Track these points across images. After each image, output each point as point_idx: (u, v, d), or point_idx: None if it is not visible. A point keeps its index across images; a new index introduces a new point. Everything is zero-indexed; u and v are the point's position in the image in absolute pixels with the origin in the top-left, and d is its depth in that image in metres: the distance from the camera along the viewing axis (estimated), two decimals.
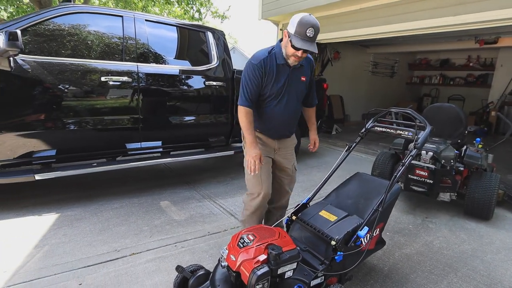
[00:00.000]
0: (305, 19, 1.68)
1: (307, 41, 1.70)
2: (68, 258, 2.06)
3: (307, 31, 1.67)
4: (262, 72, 1.83)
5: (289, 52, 1.78)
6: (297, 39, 1.69)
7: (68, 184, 3.31)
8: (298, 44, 1.69)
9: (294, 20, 1.71)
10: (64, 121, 2.63)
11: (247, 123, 1.87)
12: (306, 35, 1.68)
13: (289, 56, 1.80)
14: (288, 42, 1.74)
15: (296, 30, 1.69)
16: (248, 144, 1.88)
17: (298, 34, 1.69)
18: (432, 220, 2.92)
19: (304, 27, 1.67)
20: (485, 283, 2.02)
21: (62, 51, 2.60)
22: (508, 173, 4.43)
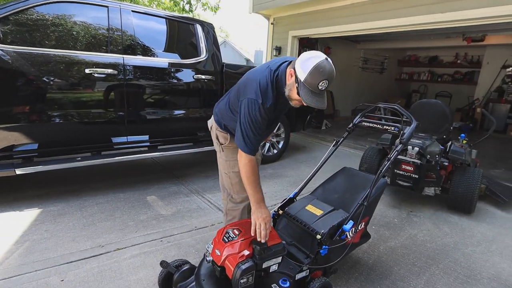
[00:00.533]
0: (321, 68, 1.36)
1: (318, 94, 1.42)
2: (49, 254, 2.01)
3: (320, 83, 1.37)
4: (271, 113, 1.57)
5: (293, 97, 1.51)
6: (306, 92, 1.41)
7: (51, 179, 3.23)
8: (307, 98, 1.41)
9: (306, 64, 1.38)
10: (47, 114, 2.55)
11: (255, 178, 1.55)
12: (317, 87, 1.38)
13: (292, 100, 1.54)
14: (294, 87, 1.45)
15: (307, 79, 1.37)
16: (256, 203, 1.55)
17: (308, 85, 1.39)
18: (416, 214, 2.97)
19: (317, 79, 1.37)
20: (465, 274, 2.08)
21: (45, 41, 2.51)
22: (491, 168, 4.55)
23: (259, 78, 1.53)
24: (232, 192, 1.87)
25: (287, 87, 1.52)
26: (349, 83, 9.07)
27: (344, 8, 5.34)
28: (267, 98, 1.50)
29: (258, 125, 1.51)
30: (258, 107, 1.48)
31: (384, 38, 7.91)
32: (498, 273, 2.10)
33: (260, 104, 1.48)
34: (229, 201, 1.91)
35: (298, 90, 1.43)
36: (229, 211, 1.93)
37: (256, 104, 1.48)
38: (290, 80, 1.49)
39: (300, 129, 4.73)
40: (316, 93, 1.41)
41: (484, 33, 6.42)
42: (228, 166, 1.83)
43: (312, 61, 1.38)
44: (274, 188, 3.41)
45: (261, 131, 1.55)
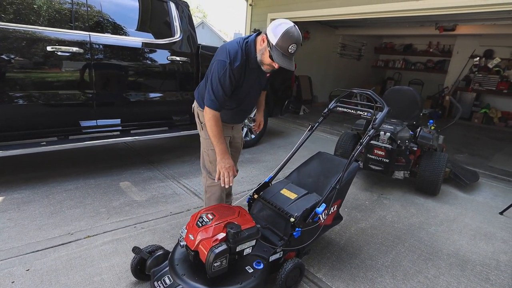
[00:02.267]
0: (290, 33, 1.53)
1: (288, 57, 1.58)
2: (13, 243, 1.91)
3: (290, 47, 1.54)
4: (238, 76, 1.67)
5: (265, 61, 1.65)
6: (278, 54, 1.56)
7: (15, 165, 3.04)
8: (279, 60, 1.57)
9: (277, 30, 1.53)
10: (7, 94, 2.35)
11: (218, 130, 1.69)
12: (287, 51, 1.55)
13: (263, 64, 1.68)
14: (267, 51, 1.59)
15: (277, 42, 1.53)
16: (220, 154, 1.71)
17: (279, 48, 1.54)
18: (386, 197, 3.12)
19: (287, 43, 1.53)
20: (428, 251, 2.22)
21: (1, 14, 2.27)
22: (456, 153, 4.84)
23: (229, 46, 1.68)
24: (210, 170, 1.93)
25: (259, 52, 1.65)
26: (327, 69, 9.14)
27: None
28: (236, 59, 1.63)
29: (224, 83, 1.63)
30: (225, 66, 1.61)
31: (362, 25, 7.97)
32: (457, 250, 2.27)
33: (228, 64, 1.61)
34: (207, 178, 1.97)
35: (270, 53, 1.58)
36: (208, 187, 1.99)
37: (224, 64, 1.62)
38: (262, 45, 1.63)
39: (278, 114, 4.73)
40: (286, 55, 1.57)
41: (456, 23, 6.65)
42: (206, 144, 1.91)
43: (283, 27, 1.54)
44: (251, 173, 3.43)
45: (226, 90, 1.65)
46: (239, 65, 1.63)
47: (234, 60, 1.62)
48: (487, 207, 3.03)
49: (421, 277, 1.94)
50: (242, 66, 1.65)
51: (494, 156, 4.91)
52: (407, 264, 2.06)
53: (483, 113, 8.02)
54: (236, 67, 1.63)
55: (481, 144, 5.69)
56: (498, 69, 7.83)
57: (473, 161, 4.45)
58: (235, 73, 1.64)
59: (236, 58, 1.63)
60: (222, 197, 2.01)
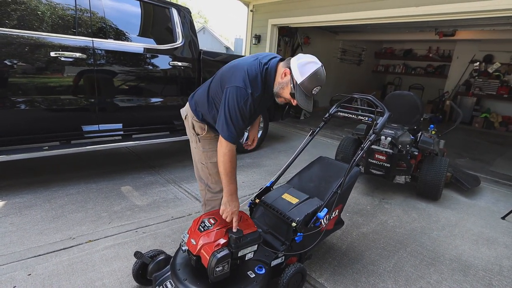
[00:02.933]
0: (318, 75, 1.45)
1: (309, 97, 1.50)
2: (15, 248, 1.91)
3: (315, 89, 1.46)
4: (257, 105, 1.54)
5: (283, 95, 1.54)
6: (301, 94, 1.46)
7: (17, 169, 3.05)
8: (301, 100, 1.47)
9: (304, 68, 1.43)
10: (10, 100, 2.37)
11: (233, 167, 1.52)
12: (311, 92, 1.47)
13: (279, 97, 1.57)
14: (288, 87, 1.48)
15: (303, 82, 1.43)
16: (229, 195, 1.52)
17: (304, 89, 1.45)
18: (388, 201, 3.11)
19: (313, 85, 1.45)
20: (430, 256, 2.21)
21: (6, 21, 2.30)
22: (457, 157, 4.84)
23: (247, 67, 1.51)
24: (210, 182, 1.83)
25: (279, 85, 1.53)
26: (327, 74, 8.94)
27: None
28: (256, 88, 1.49)
29: (244, 114, 1.48)
30: (246, 96, 1.46)
31: (362, 30, 8.04)
32: (459, 255, 2.26)
33: (250, 94, 1.46)
34: (207, 192, 1.87)
35: (293, 91, 1.47)
36: (208, 201, 1.89)
37: (244, 92, 1.46)
38: (283, 79, 1.50)
39: (278, 118, 4.75)
40: (309, 96, 1.49)
41: (455, 28, 6.69)
42: (205, 157, 1.79)
43: (311, 67, 1.44)
44: (252, 178, 3.43)
45: (246, 121, 1.52)
46: (259, 95, 1.51)
47: (255, 89, 1.48)
48: (489, 212, 3.02)
49: (423, 282, 1.93)
50: (261, 95, 1.53)
51: (496, 160, 4.90)
52: (409, 269, 2.05)
53: (484, 117, 8.03)
54: (257, 97, 1.50)
55: (482, 149, 5.69)
56: (498, 74, 7.86)
57: (474, 166, 4.45)
58: (255, 102, 1.50)
59: (256, 87, 1.49)
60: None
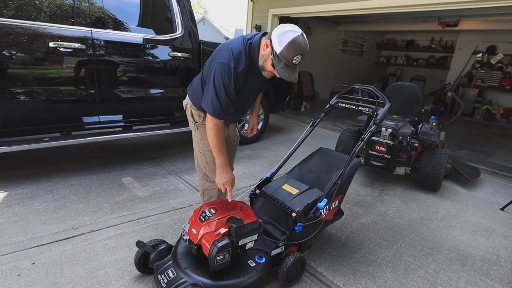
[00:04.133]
0: (297, 43, 1.40)
1: (291, 68, 1.47)
2: (19, 237, 1.94)
3: (295, 58, 1.42)
4: (243, 80, 1.57)
5: (267, 68, 1.53)
6: (280, 64, 1.44)
7: (19, 160, 3.06)
8: (281, 71, 1.46)
9: (283, 37, 1.40)
10: (9, 91, 2.36)
11: (221, 142, 1.60)
12: (292, 62, 1.43)
13: (265, 70, 1.57)
14: (269, 58, 1.48)
15: (282, 52, 1.41)
16: (220, 167, 1.62)
17: (283, 58, 1.42)
18: (387, 192, 3.13)
19: (292, 53, 1.41)
20: (429, 246, 2.24)
21: (3, 10, 2.28)
22: (457, 149, 4.83)
23: (232, 45, 1.54)
24: (207, 171, 1.86)
25: (262, 57, 1.53)
26: (329, 65, 9.11)
27: None
28: (240, 63, 1.51)
29: (229, 89, 1.52)
30: (230, 71, 1.49)
31: (363, 20, 7.93)
32: (457, 245, 2.28)
33: (233, 68, 1.49)
34: (205, 181, 1.90)
35: (273, 62, 1.46)
36: (205, 190, 1.93)
37: (228, 67, 1.48)
38: (265, 51, 1.50)
39: (279, 110, 4.73)
40: (290, 66, 1.46)
41: (458, 18, 6.60)
42: (202, 145, 1.82)
43: (290, 35, 1.41)
44: (253, 169, 3.44)
45: (231, 96, 1.55)
46: (243, 69, 1.52)
47: (238, 64, 1.50)
48: (488, 203, 3.04)
49: (422, 271, 1.95)
50: (246, 70, 1.54)
51: (496, 152, 4.90)
52: (407, 259, 2.07)
53: (485, 109, 7.99)
54: (241, 71, 1.51)
55: (483, 141, 5.68)
56: (501, 65, 7.78)
57: (474, 157, 4.45)
58: (240, 77, 1.52)
59: (240, 61, 1.51)
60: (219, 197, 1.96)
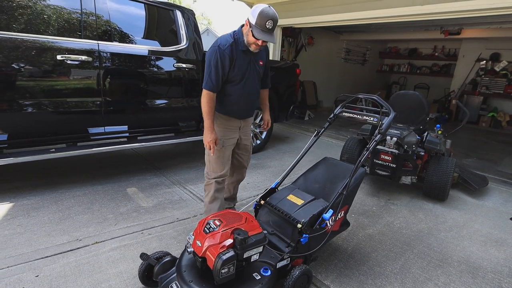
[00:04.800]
0: (265, 12, 1.79)
1: (267, 32, 1.82)
2: (23, 249, 1.93)
3: (267, 23, 1.79)
4: (230, 57, 1.90)
5: (250, 41, 1.88)
6: (257, 30, 1.81)
7: (24, 171, 3.09)
8: (259, 35, 1.81)
9: (254, 11, 1.81)
10: (17, 103, 2.40)
11: (209, 108, 1.94)
12: (266, 27, 1.80)
13: (250, 44, 1.91)
14: (249, 31, 1.85)
15: (256, 21, 1.79)
16: (206, 129, 1.97)
17: (258, 26, 1.80)
18: (394, 202, 3.08)
19: (264, 20, 1.79)
20: (438, 258, 2.19)
21: (13, 25, 2.34)
22: (464, 157, 4.77)
23: (220, 37, 1.97)
24: (208, 169, 2.16)
25: (245, 35, 1.91)
26: (332, 74, 9.15)
27: None
28: (224, 43, 1.90)
29: (216, 64, 1.88)
30: (215, 50, 1.89)
31: (366, 30, 8.00)
32: (467, 256, 2.23)
33: (217, 47, 1.89)
34: (205, 178, 2.20)
35: (253, 33, 1.82)
36: (205, 186, 2.22)
37: (213, 48, 1.91)
38: (246, 28, 1.90)
39: (283, 119, 4.74)
40: (265, 31, 1.82)
41: (461, 27, 6.63)
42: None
43: (258, 8, 1.81)
44: (257, 179, 3.42)
45: (220, 70, 1.89)
46: (227, 47, 1.88)
47: (222, 43, 1.90)
48: (497, 213, 2.98)
49: (431, 284, 1.90)
50: (231, 47, 1.90)
51: (503, 160, 4.83)
52: (416, 271, 2.02)
53: (491, 116, 7.93)
54: (225, 48, 1.88)
55: (490, 148, 5.62)
56: (505, 72, 7.75)
57: (481, 166, 4.39)
58: (225, 53, 1.88)
59: (223, 42, 1.90)
60: (216, 196, 2.19)
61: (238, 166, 2.35)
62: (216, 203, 2.20)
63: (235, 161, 2.31)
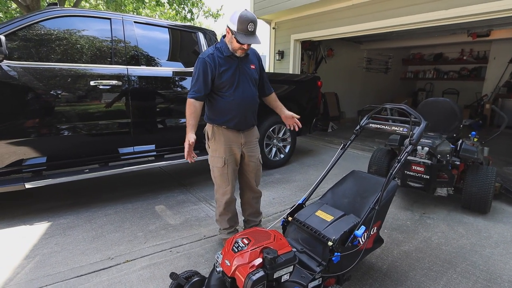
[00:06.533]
0: (244, 16, 1.82)
1: (250, 35, 1.85)
2: (60, 268, 2.01)
3: (248, 26, 1.83)
4: (212, 65, 1.93)
5: (235, 47, 1.92)
6: (241, 35, 1.84)
7: (60, 191, 3.25)
8: (243, 39, 1.84)
9: (233, 18, 1.84)
10: (55, 127, 2.57)
11: (190, 113, 1.98)
12: (248, 30, 1.83)
13: (236, 50, 1.94)
14: (233, 38, 1.88)
15: (238, 27, 1.83)
16: (187, 130, 1.99)
17: (240, 31, 1.83)
18: (430, 216, 2.90)
19: (245, 24, 1.82)
20: (485, 278, 2.00)
21: (51, 56, 2.54)
22: (504, 165, 4.43)
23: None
24: (215, 184, 2.21)
25: (228, 43, 1.94)
26: (354, 84, 9.01)
27: (345, 10, 5.32)
28: (205, 53, 1.97)
29: (199, 72, 1.93)
30: (199, 60, 1.96)
31: (387, 38, 7.85)
32: None
33: (200, 58, 1.95)
34: (215, 192, 2.24)
35: (236, 39, 1.84)
36: (216, 200, 2.26)
37: (199, 59, 1.96)
38: (228, 36, 1.94)
39: (306, 132, 4.69)
40: (248, 34, 1.84)
41: (490, 28, 6.32)
42: (212, 162, 2.17)
43: (236, 14, 1.83)
44: (283, 193, 3.37)
45: (202, 78, 1.93)
46: (208, 55, 1.94)
47: (204, 53, 1.97)
48: None
49: None
50: (212, 55, 1.94)
51: None
52: None
53: None
54: (206, 57, 1.93)
55: None
56: None
57: None
58: (206, 61, 1.92)
59: (205, 53, 1.98)
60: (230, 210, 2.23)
61: (247, 183, 2.29)
62: (224, 217, 2.24)
63: (244, 178, 2.28)
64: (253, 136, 2.21)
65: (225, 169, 2.11)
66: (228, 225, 2.26)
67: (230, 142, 2.10)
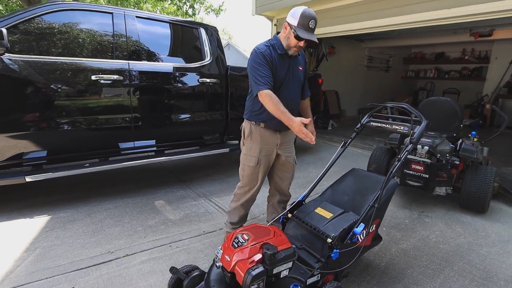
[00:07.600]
0: (307, 12, 1.80)
1: (310, 32, 1.83)
2: (60, 261, 2.02)
3: (310, 23, 1.81)
4: (268, 59, 1.88)
5: (291, 43, 1.87)
6: (301, 31, 1.80)
7: (60, 185, 3.26)
8: (303, 34, 1.80)
9: (295, 13, 1.82)
10: (55, 121, 2.57)
11: (274, 104, 1.78)
12: (309, 26, 1.81)
13: (291, 47, 1.89)
14: (291, 33, 1.84)
15: (299, 22, 1.80)
16: (286, 120, 1.77)
17: (301, 26, 1.80)
18: (428, 215, 2.91)
19: (307, 20, 1.80)
20: (481, 276, 2.02)
21: (52, 49, 2.53)
22: (504, 165, 4.45)
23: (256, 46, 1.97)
24: (242, 181, 2.16)
25: (285, 39, 1.90)
26: (354, 83, 9.00)
27: (347, 7, 5.30)
28: (261, 46, 1.92)
29: (258, 65, 1.86)
30: (255, 52, 1.90)
31: (388, 36, 7.83)
32: None
33: (255, 50, 1.90)
34: (238, 187, 2.20)
35: (295, 34, 1.80)
36: (236, 194, 2.22)
37: (254, 53, 1.90)
38: (285, 32, 1.88)
39: None
40: (308, 31, 1.82)
41: (492, 28, 6.30)
42: (245, 160, 2.10)
43: (299, 9, 1.82)
44: None
45: (264, 69, 1.85)
46: (266, 50, 1.89)
47: (259, 47, 1.92)
48: None
49: None
50: (269, 49, 1.90)
51: None
52: None
53: None
54: (265, 51, 1.88)
55: None
56: None
57: None
58: (265, 55, 1.87)
59: (260, 46, 1.93)
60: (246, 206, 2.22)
61: (280, 184, 2.23)
62: (237, 212, 2.22)
63: (277, 179, 2.22)
64: (289, 137, 2.15)
65: (257, 168, 2.05)
66: (237, 220, 2.23)
67: (267, 142, 2.03)
